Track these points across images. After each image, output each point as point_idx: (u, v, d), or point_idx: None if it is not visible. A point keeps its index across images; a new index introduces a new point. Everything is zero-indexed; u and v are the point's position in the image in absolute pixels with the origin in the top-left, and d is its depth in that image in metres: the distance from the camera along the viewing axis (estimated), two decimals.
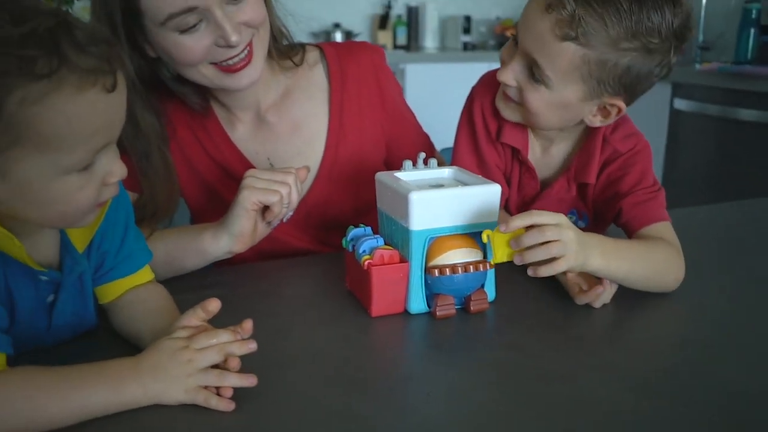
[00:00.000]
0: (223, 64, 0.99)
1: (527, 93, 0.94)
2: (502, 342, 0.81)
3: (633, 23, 0.86)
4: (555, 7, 0.87)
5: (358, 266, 0.86)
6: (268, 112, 1.15)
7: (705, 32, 3.74)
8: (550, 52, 0.89)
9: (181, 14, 0.92)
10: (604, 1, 0.85)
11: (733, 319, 0.88)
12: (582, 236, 0.83)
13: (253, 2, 0.98)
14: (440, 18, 5.00)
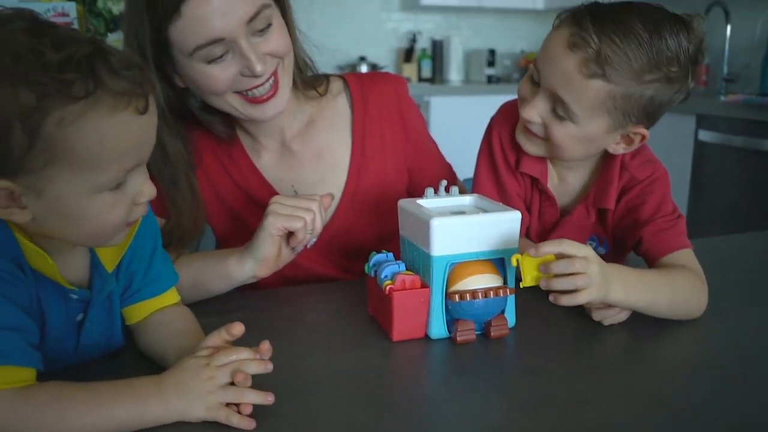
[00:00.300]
0: (249, 95, 1.02)
1: (553, 129, 0.95)
2: (522, 367, 0.82)
3: (654, 54, 0.87)
4: (580, 46, 0.88)
5: (380, 291, 0.87)
6: (292, 140, 1.17)
7: (730, 64, 3.75)
8: (576, 90, 0.90)
9: (207, 45, 0.95)
10: (625, 34, 0.87)
11: (755, 348, 0.87)
12: (605, 269, 0.84)
13: (278, 33, 1.02)
14: (465, 51, 5.06)
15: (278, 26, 1.02)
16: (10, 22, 0.61)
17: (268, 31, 1.00)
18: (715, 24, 3.78)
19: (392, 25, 4.98)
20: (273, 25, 1.00)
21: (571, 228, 1.06)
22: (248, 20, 0.96)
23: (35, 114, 0.59)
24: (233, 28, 0.95)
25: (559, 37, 0.91)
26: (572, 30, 0.89)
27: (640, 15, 0.89)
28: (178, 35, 0.96)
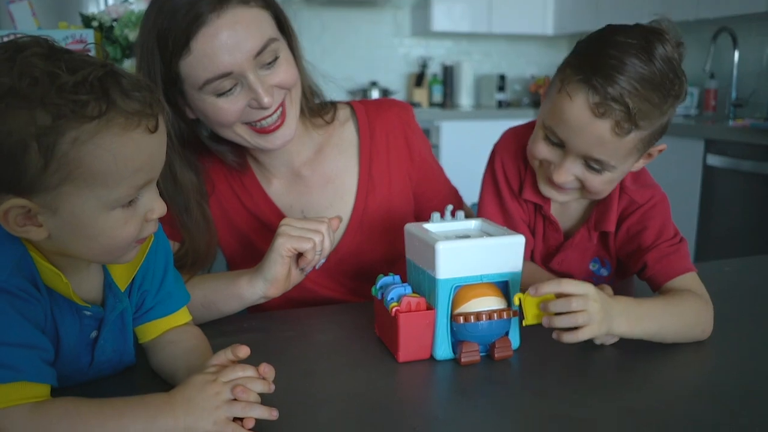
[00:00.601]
0: (257, 126, 1.05)
1: (590, 180, 0.97)
2: (526, 388, 0.83)
3: (665, 86, 0.90)
4: (607, 113, 0.89)
5: (387, 313, 0.89)
6: (302, 167, 1.20)
7: (738, 90, 3.76)
8: (613, 148, 0.93)
9: (216, 79, 0.98)
10: (638, 81, 0.88)
11: (759, 371, 0.88)
12: (608, 304, 0.85)
13: (285, 66, 1.04)
14: (475, 76, 5.11)
15: (285, 59, 1.05)
16: (27, 48, 0.64)
17: (275, 64, 1.03)
18: (723, 50, 3.81)
19: (403, 50, 5.04)
20: (280, 58, 1.03)
21: (574, 251, 1.08)
22: (255, 54, 0.99)
23: (51, 134, 0.62)
24: (241, 62, 0.98)
25: (580, 107, 0.91)
26: (592, 98, 0.90)
27: (634, 48, 0.90)
28: (188, 70, 0.99)
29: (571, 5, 4.66)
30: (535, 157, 1.01)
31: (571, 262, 1.10)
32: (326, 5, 4.71)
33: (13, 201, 0.65)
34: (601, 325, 0.83)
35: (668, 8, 3.81)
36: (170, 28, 0.97)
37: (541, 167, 1.02)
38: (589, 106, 0.90)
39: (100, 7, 3.40)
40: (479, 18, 4.72)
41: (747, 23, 3.66)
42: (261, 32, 1.00)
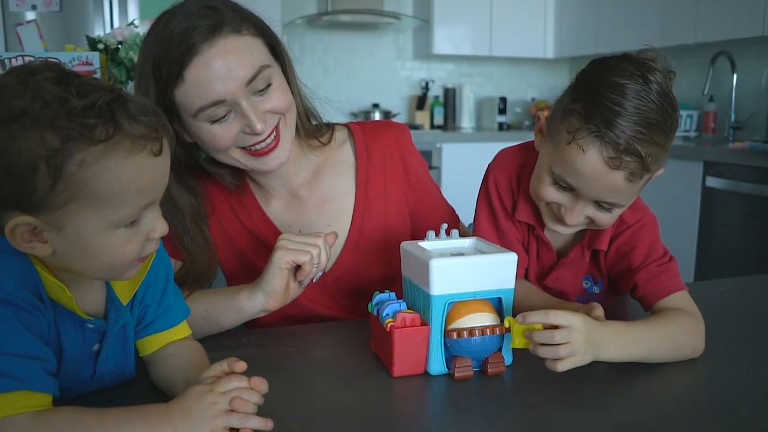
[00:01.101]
0: (252, 149, 1.08)
1: (599, 219, 0.99)
2: (519, 402, 0.84)
3: (668, 124, 0.92)
4: (622, 165, 0.90)
5: (382, 328, 0.91)
6: (300, 188, 1.23)
7: (737, 112, 3.80)
8: (626, 193, 0.95)
9: (210, 107, 1.01)
10: (645, 127, 0.89)
11: (751, 389, 0.89)
12: (595, 333, 0.86)
13: (278, 91, 1.07)
14: (476, 99, 5.15)
15: (278, 84, 1.07)
16: (39, 73, 0.67)
17: (268, 90, 1.05)
18: (721, 73, 3.84)
19: (405, 73, 5.09)
20: (273, 84, 1.06)
21: (568, 269, 1.10)
22: (247, 82, 1.02)
23: (59, 155, 0.64)
24: (234, 90, 1.01)
25: (595, 161, 0.91)
26: (606, 153, 0.90)
27: (630, 91, 0.90)
28: (183, 98, 1.02)
29: (571, 29, 4.72)
30: (542, 199, 1.02)
31: (565, 280, 1.11)
32: (329, 28, 4.76)
33: (20, 218, 0.67)
34: (585, 356, 0.85)
35: (667, 32, 3.86)
36: (164, 57, 1.00)
37: (547, 206, 1.03)
38: (603, 160, 0.91)
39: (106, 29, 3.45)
40: (480, 41, 4.77)
41: (745, 47, 3.70)
42: (253, 60, 1.03)
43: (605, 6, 4.37)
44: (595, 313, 0.92)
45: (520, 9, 4.81)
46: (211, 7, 1.03)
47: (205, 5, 1.03)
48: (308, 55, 4.72)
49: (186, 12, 1.01)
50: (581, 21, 4.62)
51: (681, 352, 0.95)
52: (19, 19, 3.30)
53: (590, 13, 4.51)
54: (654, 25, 3.94)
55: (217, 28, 1.00)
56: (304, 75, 1.20)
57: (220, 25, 1.01)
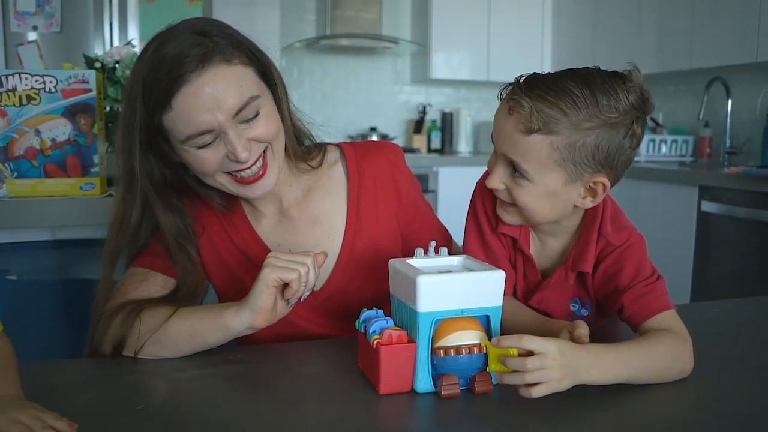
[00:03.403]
0: (237, 176, 1.09)
1: (515, 192, 1.00)
2: (506, 422, 0.84)
3: (587, 104, 0.93)
4: (515, 108, 0.95)
5: (369, 345, 0.90)
6: (290, 208, 1.23)
7: (732, 137, 3.82)
8: (521, 148, 0.96)
9: (197, 136, 1.03)
10: (557, 93, 0.93)
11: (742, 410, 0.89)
12: (573, 357, 0.85)
13: (265, 120, 1.08)
14: (473, 123, 5.18)
15: (266, 113, 1.08)
16: None
17: (256, 119, 1.06)
18: (716, 98, 3.87)
19: (403, 97, 5.12)
20: (260, 114, 1.07)
21: (552, 290, 1.09)
22: (235, 113, 1.03)
23: None
24: (221, 120, 1.02)
25: (502, 105, 0.99)
26: (509, 96, 0.97)
27: (573, 76, 0.95)
28: (170, 125, 1.03)
29: (568, 55, 4.76)
30: (488, 168, 1.05)
31: (550, 301, 1.11)
32: (327, 52, 4.80)
33: None
34: (561, 382, 0.84)
35: (662, 58, 3.90)
36: (154, 81, 1.01)
37: None
38: (506, 104, 0.97)
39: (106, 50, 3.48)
40: (478, 66, 4.81)
41: (739, 73, 3.73)
42: (242, 91, 1.04)
43: (601, 32, 4.42)
44: (578, 331, 0.91)
45: (518, 34, 4.85)
46: (204, 33, 1.04)
47: (198, 31, 1.04)
48: (307, 78, 4.76)
49: (178, 37, 1.03)
50: (578, 47, 4.66)
51: (667, 373, 0.94)
52: (20, 39, 3.33)
53: (587, 40, 4.56)
54: (650, 50, 3.98)
55: (207, 57, 1.01)
56: (303, 98, 1.22)
57: (210, 55, 1.01)
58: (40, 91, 1.58)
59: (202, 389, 0.92)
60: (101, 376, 0.98)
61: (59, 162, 1.61)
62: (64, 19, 3.41)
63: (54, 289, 1.62)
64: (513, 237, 1.10)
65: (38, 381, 0.91)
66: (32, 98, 1.58)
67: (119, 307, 1.06)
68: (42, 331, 1.62)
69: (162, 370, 0.99)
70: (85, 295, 1.61)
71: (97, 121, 1.61)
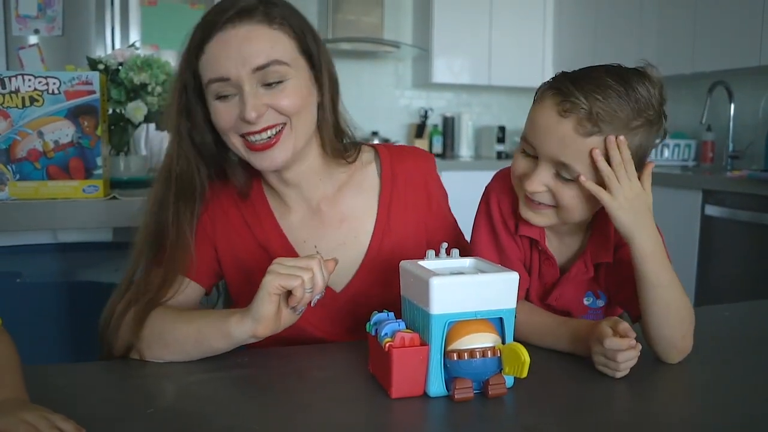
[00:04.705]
0: (249, 140, 1.08)
1: (561, 194, 0.99)
2: (520, 425, 0.82)
3: (633, 103, 0.94)
4: (570, 111, 0.94)
5: (380, 348, 0.89)
6: (320, 202, 1.22)
7: (735, 142, 3.81)
8: (577, 150, 0.95)
9: (217, 81, 1.05)
10: (604, 91, 0.93)
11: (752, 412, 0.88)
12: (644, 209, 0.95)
13: (289, 92, 1.07)
14: (475, 128, 5.16)
15: (292, 87, 1.08)
16: None
17: (278, 87, 1.07)
18: (719, 103, 3.87)
19: (405, 101, 5.11)
20: (286, 83, 1.07)
21: (569, 285, 1.08)
22: (255, 69, 1.04)
23: None
24: (239, 72, 1.04)
25: (547, 107, 0.97)
26: (558, 99, 0.95)
27: (609, 73, 0.96)
28: (201, 70, 1.07)
29: (569, 59, 4.75)
30: (514, 173, 1.04)
31: (568, 297, 1.10)
32: None
33: None
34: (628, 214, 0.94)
35: (665, 63, 3.87)
36: (201, 23, 1.07)
37: (520, 187, 1.03)
38: (555, 107, 0.95)
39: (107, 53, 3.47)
40: (479, 70, 4.80)
41: (741, 77, 3.73)
42: (269, 52, 1.05)
43: (603, 37, 4.41)
44: (622, 326, 0.92)
45: (519, 39, 4.85)
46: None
47: None
48: None
49: None
50: (579, 52, 4.66)
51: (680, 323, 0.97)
52: (22, 42, 3.32)
53: (588, 44, 4.55)
54: (651, 55, 3.97)
55: (248, 13, 1.05)
56: None
57: (252, 12, 1.05)
58: (43, 93, 1.57)
59: (211, 393, 0.91)
60: (108, 380, 0.97)
61: (62, 164, 1.60)
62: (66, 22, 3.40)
63: (57, 292, 1.60)
64: (532, 238, 1.08)
65: (44, 384, 0.90)
66: (35, 100, 1.57)
67: (130, 303, 1.06)
68: (45, 334, 1.60)
69: (170, 374, 0.97)
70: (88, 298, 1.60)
71: (100, 123, 1.60)
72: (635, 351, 0.91)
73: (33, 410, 0.73)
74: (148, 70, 1.75)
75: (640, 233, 0.95)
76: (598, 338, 0.92)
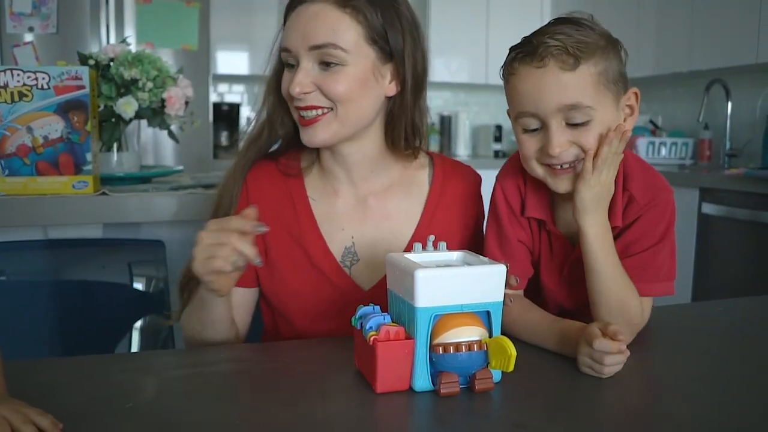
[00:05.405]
0: (300, 113, 1.12)
1: (583, 137, 0.99)
2: (507, 420, 0.81)
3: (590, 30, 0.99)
4: (547, 55, 0.96)
5: (365, 342, 0.87)
6: (369, 195, 1.22)
7: (732, 140, 3.80)
8: (575, 86, 0.96)
9: (284, 50, 1.11)
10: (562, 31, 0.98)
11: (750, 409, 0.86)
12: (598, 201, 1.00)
13: (341, 77, 1.09)
14: (472, 126, 5.15)
15: (347, 74, 1.09)
16: None
17: (332, 70, 1.08)
18: (716, 101, 3.86)
19: None
20: (340, 68, 1.08)
21: None
22: (311, 47, 1.07)
23: None
24: (297, 45, 1.09)
25: (524, 71, 0.99)
26: (529, 58, 0.98)
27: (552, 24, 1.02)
28: (282, 36, 1.13)
29: None
30: (527, 157, 1.03)
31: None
32: None
33: None
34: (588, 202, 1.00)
35: (662, 60, 3.88)
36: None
37: (540, 163, 1.03)
38: (531, 65, 0.97)
39: None
40: (476, 69, 4.79)
41: (739, 75, 3.71)
42: (329, 34, 1.07)
43: None
44: (612, 328, 0.90)
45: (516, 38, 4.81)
46: None
47: None
48: None
49: None
50: None
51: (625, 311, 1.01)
52: (16, 40, 3.30)
53: None
54: (649, 53, 3.96)
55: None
56: None
57: None
58: (33, 88, 1.56)
59: (194, 387, 0.89)
60: (90, 374, 0.95)
61: (51, 160, 1.59)
62: (60, 20, 3.38)
63: (46, 290, 1.59)
64: (540, 219, 1.10)
65: (25, 378, 0.88)
66: (24, 95, 1.56)
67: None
68: (33, 333, 1.59)
69: (153, 368, 0.96)
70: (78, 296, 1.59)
71: (90, 118, 1.59)
72: (623, 356, 0.89)
73: (8, 404, 0.71)
74: (139, 65, 1.73)
75: (593, 216, 1.00)
76: (587, 339, 0.91)
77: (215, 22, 3.84)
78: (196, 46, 3.56)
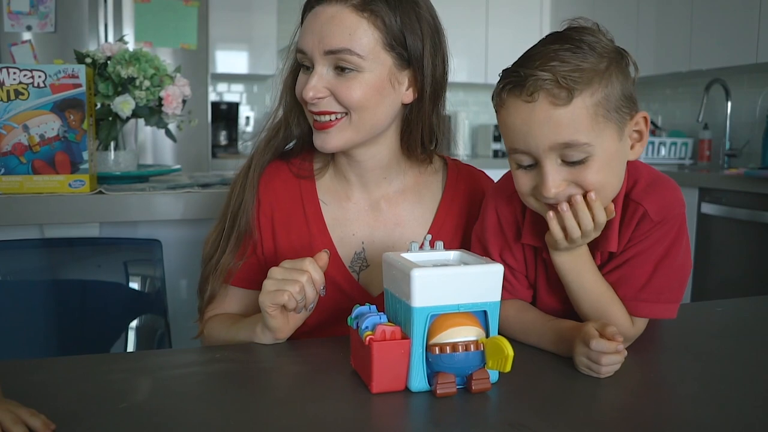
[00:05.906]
0: (314, 117, 1.10)
1: (583, 176, 0.91)
2: (504, 421, 0.80)
3: (588, 50, 0.89)
4: (536, 89, 0.87)
5: (361, 342, 0.87)
6: (381, 199, 1.21)
7: (731, 140, 3.79)
8: (569, 122, 0.88)
9: (299, 52, 1.10)
10: (555, 57, 0.88)
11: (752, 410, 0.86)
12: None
13: (355, 83, 1.06)
14: (471, 126, 5.15)
15: (360, 80, 1.06)
16: None
17: (347, 75, 1.06)
18: (716, 101, 3.85)
19: None
20: (355, 74, 1.06)
21: None
22: (326, 51, 1.05)
23: None
24: (312, 48, 1.07)
25: (513, 105, 0.91)
26: (518, 90, 0.90)
27: (546, 43, 0.93)
28: (299, 38, 1.12)
29: None
30: (522, 192, 0.97)
31: None
32: None
33: None
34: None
35: (661, 60, 3.88)
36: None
37: (537, 200, 0.96)
38: (519, 98, 0.89)
39: None
40: (476, 69, 4.79)
41: (738, 75, 3.71)
42: (346, 39, 1.05)
43: None
44: (610, 329, 0.89)
45: (516, 37, 4.82)
46: None
47: None
48: None
49: None
50: None
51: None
52: (14, 39, 3.30)
53: None
54: (648, 53, 3.96)
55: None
56: None
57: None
58: (29, 86, 1.55)
59: (188, 388, 0.89)
60: (84, 374, 0.94)
61: (48, 158, 1.58)
62: (59, 19, 3.38)
63: (42, 289, 1.58)
64: (536, 246, 1.05)
65: (19, 378, 0.88)
66: (20, 93, 1.55)
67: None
68: (29, 332, 1.58)
69: (147, 369, 0.95)
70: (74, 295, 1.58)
71: (86, 117, 1.58)
72: (620, 356, 0.88)
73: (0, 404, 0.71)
74: (137, 64, 1.73)
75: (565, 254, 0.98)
76: (583, 339, 0.90)
77: (214, 21, 3.84)
78: (194, 45, 3.56)
